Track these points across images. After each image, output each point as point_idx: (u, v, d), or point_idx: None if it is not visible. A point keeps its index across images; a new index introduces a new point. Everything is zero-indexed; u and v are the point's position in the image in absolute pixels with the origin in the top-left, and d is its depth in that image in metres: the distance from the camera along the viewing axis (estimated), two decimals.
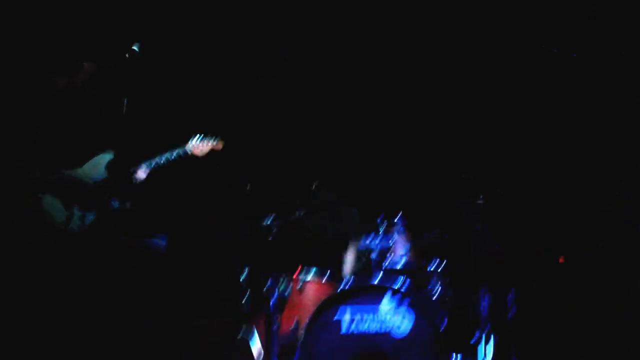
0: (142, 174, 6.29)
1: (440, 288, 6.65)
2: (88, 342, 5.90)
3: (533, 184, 7.33)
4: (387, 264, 6.47)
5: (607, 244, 7.02)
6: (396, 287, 6.07)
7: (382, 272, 6.31)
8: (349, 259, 6.86)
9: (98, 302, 6.02)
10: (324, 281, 6.47)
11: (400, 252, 6.52)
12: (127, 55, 5.89)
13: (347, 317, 6.05)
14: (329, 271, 6.59)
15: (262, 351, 6.32)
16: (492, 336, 6.33)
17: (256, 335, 6.39)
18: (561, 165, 7.30)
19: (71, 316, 5.94)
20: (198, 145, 6.45)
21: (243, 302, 6.64)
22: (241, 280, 6.63)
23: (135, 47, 5.92)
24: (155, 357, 5.67)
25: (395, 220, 6.61)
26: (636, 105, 7.01)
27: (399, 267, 6.51)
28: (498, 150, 7.39)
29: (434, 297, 6.57)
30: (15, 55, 6.49)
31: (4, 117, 6.10)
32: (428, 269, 6.66)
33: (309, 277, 6.49)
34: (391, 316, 6.04)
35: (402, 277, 6.23)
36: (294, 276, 6.51)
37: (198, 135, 6.45)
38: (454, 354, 6.05)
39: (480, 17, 7.36)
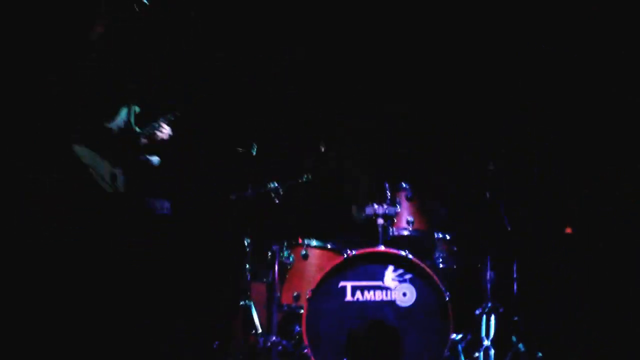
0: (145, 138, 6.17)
1: (446, 258, 6.60)
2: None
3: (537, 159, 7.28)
4: (393, 231, 6.37)
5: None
6: (402, 256, 6.01)
7: (387, 240, 6.24)
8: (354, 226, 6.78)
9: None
10: (328, 248, 6.41)
11: (406, 220, 6.42)
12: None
13: (351, 286, 6.02)
14: (333, 239, 6.54)
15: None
16: (495, 309, 6.30)
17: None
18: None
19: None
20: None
21: (245, 269, 6.61)
22: (244, 246, 6.58)
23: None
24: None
25: (403, 187, 6.51)
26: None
27: (405, 234, 6.41)
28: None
29: (440, 267, 6.52)
30: None
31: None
32: (435, 238, 6.58)
33: (313, 244, 6.42)
34: (396, 285, 6.01)
35: (408, 246, 6.16)
36: (298, 242, 6.45)
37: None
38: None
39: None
